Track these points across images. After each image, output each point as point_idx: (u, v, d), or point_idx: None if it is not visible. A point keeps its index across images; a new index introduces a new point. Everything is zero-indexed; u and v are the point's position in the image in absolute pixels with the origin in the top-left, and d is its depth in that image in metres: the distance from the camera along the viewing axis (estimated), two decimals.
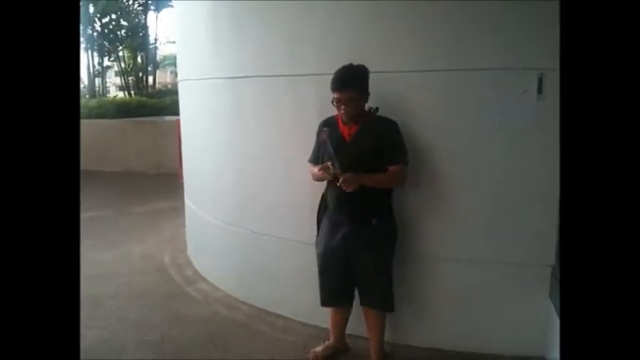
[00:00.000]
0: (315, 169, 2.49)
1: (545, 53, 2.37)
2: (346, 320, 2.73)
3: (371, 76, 2.40)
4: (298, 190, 2.94)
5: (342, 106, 2.38)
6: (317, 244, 2.64)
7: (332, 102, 2.40)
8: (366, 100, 2.43)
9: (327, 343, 2.77)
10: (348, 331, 2.77)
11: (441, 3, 2.50)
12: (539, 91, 2.40)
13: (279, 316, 3.19)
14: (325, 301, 2.66)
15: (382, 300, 2.54)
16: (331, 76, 2.38)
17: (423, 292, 2.79)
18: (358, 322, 2.68)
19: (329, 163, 2.37)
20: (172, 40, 17.03)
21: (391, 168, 2.41)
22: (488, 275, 2.66)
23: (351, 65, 2.38)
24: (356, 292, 2.61)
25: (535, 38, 2.39)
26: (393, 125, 2.45)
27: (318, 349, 2.74)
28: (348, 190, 2.32)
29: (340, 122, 2.48)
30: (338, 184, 2.32)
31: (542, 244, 2.54)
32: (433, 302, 2.78)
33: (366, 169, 2.38)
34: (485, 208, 2.61)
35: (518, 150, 2.52)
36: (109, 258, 4.41)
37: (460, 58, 2.53)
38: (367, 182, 2.36)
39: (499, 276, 2.65)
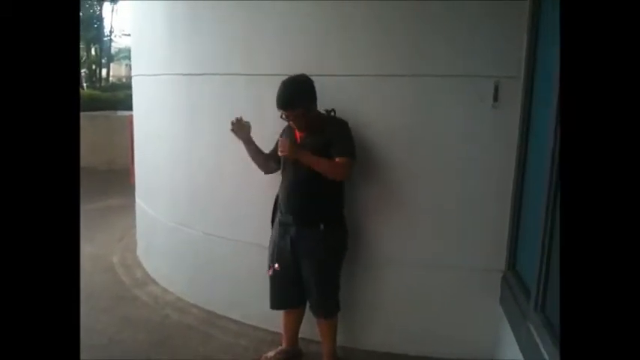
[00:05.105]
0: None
1: (501, 61, 2.42)
2: (298, 323, 2.70)
3: (327, 79, 2.37)
4: (254, 192, 2.89)
5: (291, 121, 2.38)
6: (269, 244, 2.61)
7: (281, 116, 2.38)
8: (314, 108, 2.41)
9: (279, 347, 2.73)
10: (301, 334, 2.74)
11: (399, 5, 2.50)
12: (495, 98, 2.44)
13: (231, 320, 3.12)
14: (274, 304, 2.63)
15: (322, 308, 2.53)
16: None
17: (376, 296, 2.78)
18: (312, 326, 2.66)
19: (241, 119, 2.52)
20: (128, 33, 16.55)
21: (336, 159, 2.36)
22: (440, 280, 2.69)
23: (292, 81, 2.35)
24: None
25: (492, 46, 2.43)
26: (342, 124, 2.44)
27: (271, 353, 2.69)
28: (281, 154, 2.32)
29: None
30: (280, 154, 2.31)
31: (494, 250, 2.58)
32: (386, 306, 2.78)
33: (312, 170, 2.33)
34: (439, 214, 2.64)
35: (473, 156, 2.55)
36: None
37: (416, 64, 2.54)
38: (305, 159, 2.30)
39: (451, 280, 2.68)
